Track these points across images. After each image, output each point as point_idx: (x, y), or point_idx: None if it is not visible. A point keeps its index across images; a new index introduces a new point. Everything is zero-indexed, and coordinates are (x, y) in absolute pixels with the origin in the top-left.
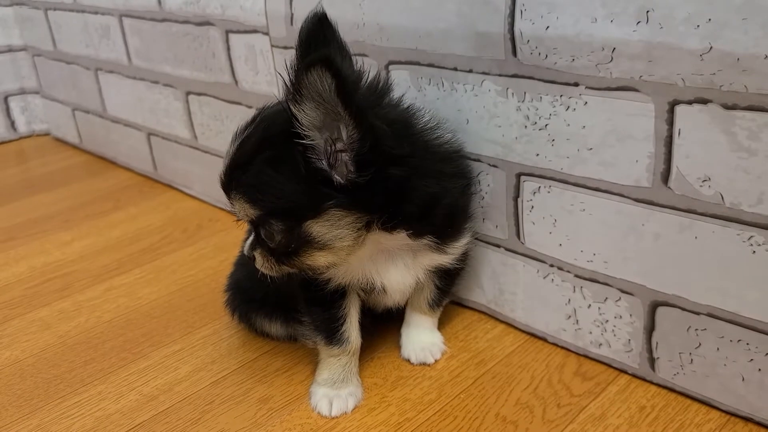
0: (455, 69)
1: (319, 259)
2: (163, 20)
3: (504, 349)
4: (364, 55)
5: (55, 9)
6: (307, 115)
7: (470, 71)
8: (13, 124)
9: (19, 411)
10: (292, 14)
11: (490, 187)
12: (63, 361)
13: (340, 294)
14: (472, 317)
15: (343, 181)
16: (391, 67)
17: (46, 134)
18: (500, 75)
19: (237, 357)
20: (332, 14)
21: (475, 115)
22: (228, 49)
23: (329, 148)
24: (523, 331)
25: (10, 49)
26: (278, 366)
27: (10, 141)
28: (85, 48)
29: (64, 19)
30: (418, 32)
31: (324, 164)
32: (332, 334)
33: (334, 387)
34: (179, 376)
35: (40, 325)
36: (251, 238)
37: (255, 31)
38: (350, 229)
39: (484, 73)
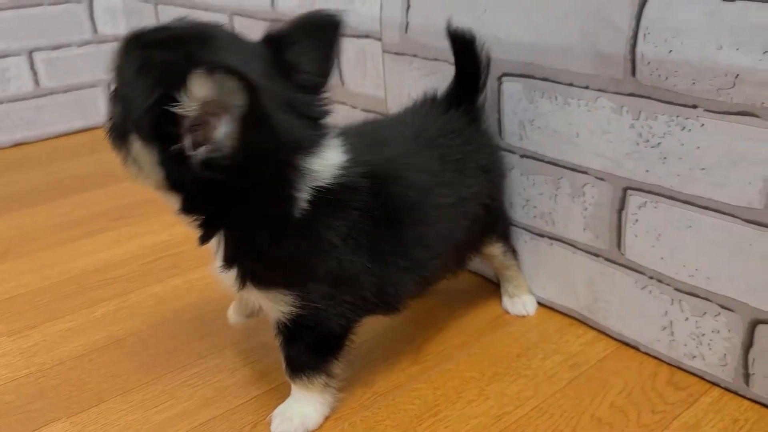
0: (570, 84)
1: (132, 169)
2: (275, 20)
3: (597, 354)
4: None
5: (166, 4)
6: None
7: (586, 87)
8: None
9: (145, 376)
10: (407, 23)
11: (595, 199)
12: (180, 333)
13: None
14: (563, 321)
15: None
16: (504, 78)
17: None
18: (616, 93)
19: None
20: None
21: (587, 130)
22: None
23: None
24: (616, 339)
25: (116, 39)
26: (379, 355)
27: None
28: None
29: (174, 13)
30: (536, 47)
31: (184, 137)
32: None
33: None
34: None
35: (156, 299)
36: None
37: (367, 36)
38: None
39: (600, 90)
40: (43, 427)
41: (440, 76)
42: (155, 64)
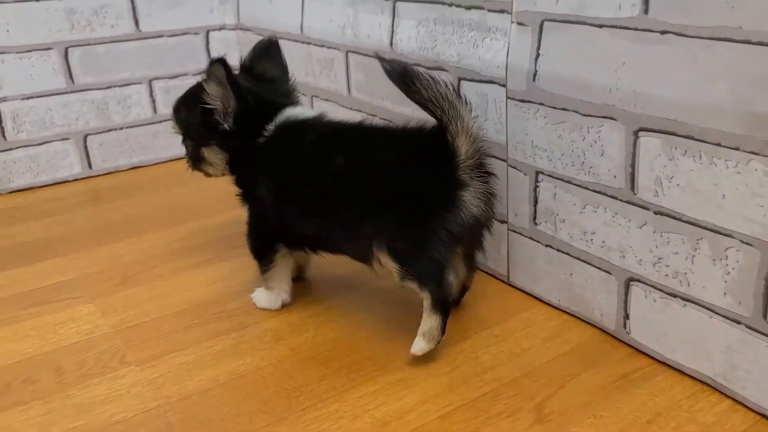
0: (718, 144)
1: (208, 169)
2: (392, 59)
3: (735, 428)
4: (612, 118)
5: (281, 38)
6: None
7: (736, 149)
8: None
9: (267, 416)
10: (535, 71)
11: (739, 264)
12: (299, 373)
13: None
14: (694, 387)
15: (228, 128)
16: (641, 133)
17: None
18: None
19: (459, 393)
20: (582, 76)
21: (735, 192)
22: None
23: (222, 109)
24: (755, 411)
25: None
26: (500, 409)
27: None
28: (304, 76)
29: (287, 47)
30: (679, 104)
31: (218, 118)
32: None
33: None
34: (407, 405)
35: (273, 335)
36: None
37: (491, 82)
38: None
39: (752, 152)
40: None
41: (568, 126)
42: (190, 99)
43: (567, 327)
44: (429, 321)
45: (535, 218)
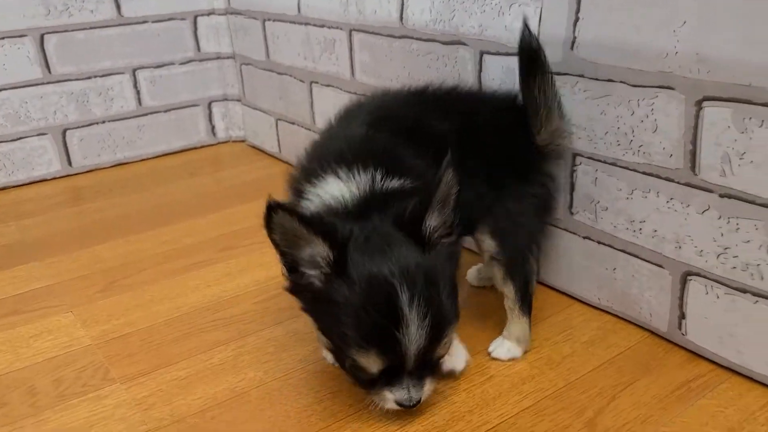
0: None
1: None
2: (402, 37)
3: None
4: (669, 87)
5: (274, 20)
6: None
7: None
8: (213, 129)
9: None
10: (574, 38)
11: None
12: (309, 389)
13: None
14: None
15: None
16: (705, 103)
17: (242, 141)
18: None
19: (495, 408)
20: (632, 40)
21: None
22: (479, 70)
23: None
24: None
25: (218, 57)
26: (546, 427)
27: (209, 145)
28: (302, 60)
29: (283, 30)
30: (758, 66)
31: None
32: None
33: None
34: (437, 425)
35: (277, 345)
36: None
37: None
38: None
39: None
40: None
41: (614, 99)
42: None
43: (611, 329)
44: (519, 323)
45: (571, 207)
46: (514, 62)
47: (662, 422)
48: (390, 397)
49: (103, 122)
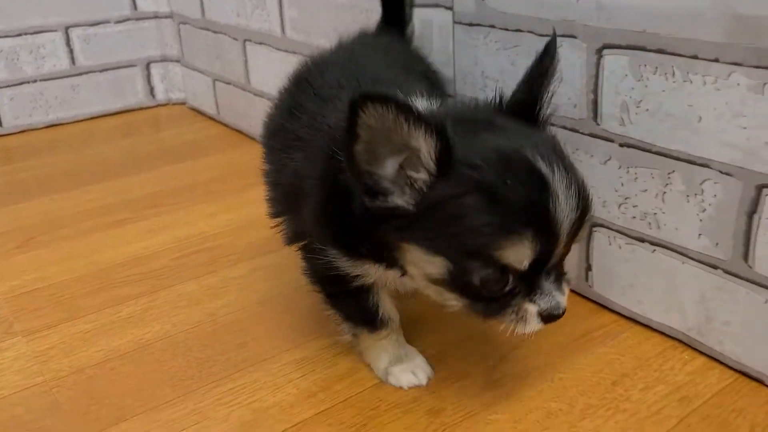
0: (695, 57)
1: None
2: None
3: (710, 387)
4: (572, 36)
5: None
6: None
7: (715, 60)
8: (152, 90)
9: (173, 391)
10: None
11: (717, 199)
12: (214, 341)
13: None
14: (664, 343)
15: None
16: (605, 51)
17: (182, 103)
18: (757, 67)
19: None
20: None
21: (713, 113)
22: None
23: None
24: (733, 368)
25: (156, 16)
26: (445, 375)
27: (148, 108)
28: (235, 17)
29: None
30: (652, 13)
31: None
32: (372, 320)
33: (405, 362)
34: (338, 373)
35: (189, 299)
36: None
37: (436, 5)
38: None
39: (734, 63)
40: None
41: (522, 50)
42: None
43: None
44: None
45: None
46: (430, 13)
47: (559, 369)
48: (533, 310)
49: (35, 81)
